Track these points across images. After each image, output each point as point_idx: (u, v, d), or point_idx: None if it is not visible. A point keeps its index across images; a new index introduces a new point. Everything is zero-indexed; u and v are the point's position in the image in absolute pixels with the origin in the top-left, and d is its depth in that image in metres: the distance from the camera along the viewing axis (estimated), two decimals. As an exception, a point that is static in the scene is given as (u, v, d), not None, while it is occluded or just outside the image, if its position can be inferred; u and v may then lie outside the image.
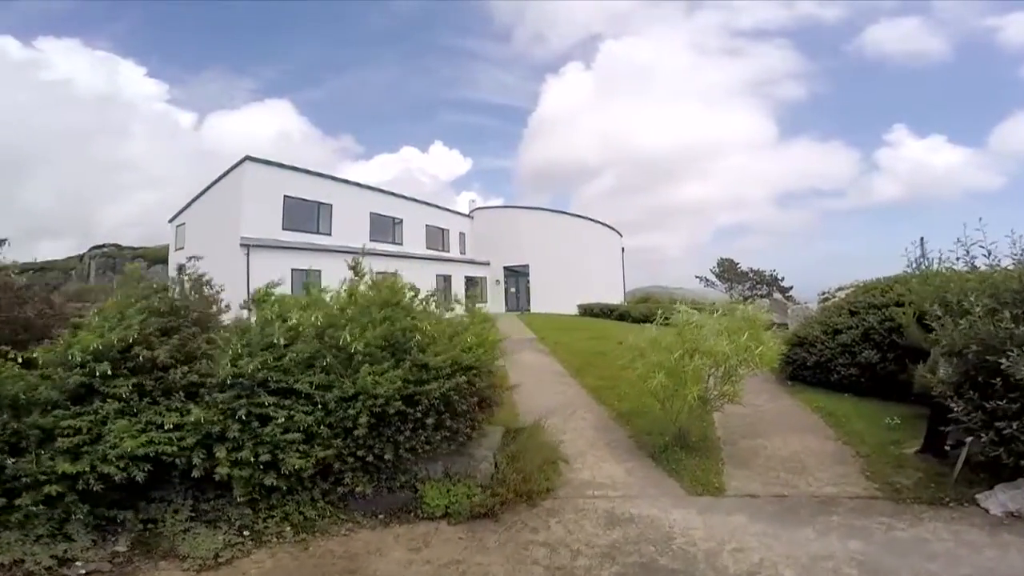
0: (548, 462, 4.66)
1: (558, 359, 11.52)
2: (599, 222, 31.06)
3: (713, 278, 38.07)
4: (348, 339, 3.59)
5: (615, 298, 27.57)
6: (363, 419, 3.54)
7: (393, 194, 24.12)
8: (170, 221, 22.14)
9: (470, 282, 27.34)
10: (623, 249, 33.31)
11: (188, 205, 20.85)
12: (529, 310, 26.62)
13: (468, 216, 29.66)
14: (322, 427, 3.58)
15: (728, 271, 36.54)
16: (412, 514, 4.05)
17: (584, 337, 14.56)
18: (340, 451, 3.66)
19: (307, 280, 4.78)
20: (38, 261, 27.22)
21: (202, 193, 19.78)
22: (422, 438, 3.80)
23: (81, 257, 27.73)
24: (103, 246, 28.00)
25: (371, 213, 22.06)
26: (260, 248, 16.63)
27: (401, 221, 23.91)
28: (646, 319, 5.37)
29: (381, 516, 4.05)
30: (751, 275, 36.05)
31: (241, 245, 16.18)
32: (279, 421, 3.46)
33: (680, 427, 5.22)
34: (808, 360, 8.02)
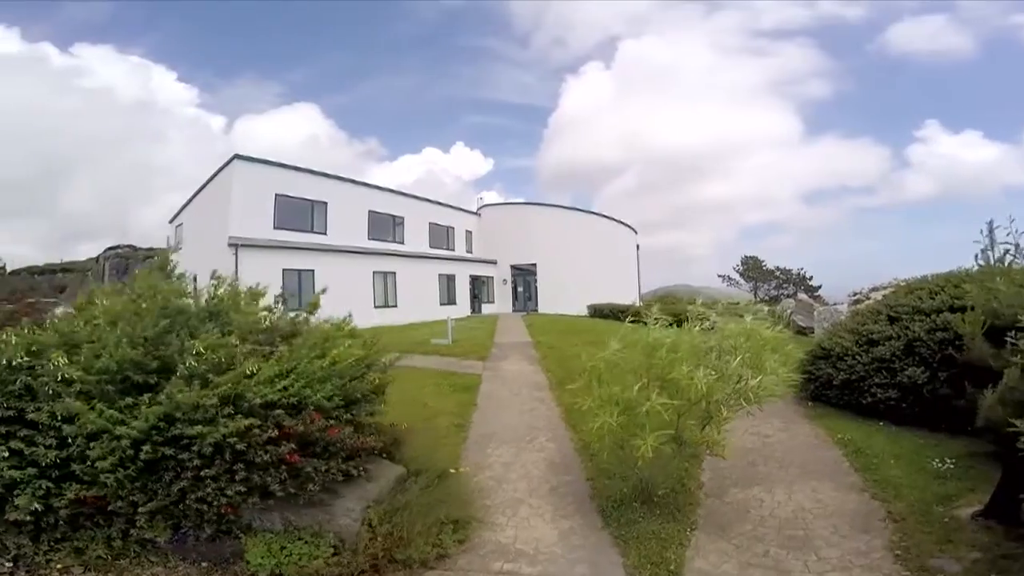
0: (449, 520, 3.48)
1: (543, 368, 10.36)
2: (612, 219, 29.41)
3: (737, 277, 35.62)
4: (60, 363, 2.60)
5: (629, 298, 25.92)
6: (109, 461, 2.71)
7: (394, 191, 23.38)
8: (170, 221, 22.20)
9: (476, 281, 26.35)
10: (638, 247, 31.51)
11: (185, 205, 20.78)
12: (537, 311, 25.37)
13: (475, 214, 28.65)
14: (85, 463, 2.77)
15: (752, 269, 33.98)
16: (239, 567, 3.11)
17: (582, 342, 13.23)
18: (116, 491, 2.85)
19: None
20: (62, 262, 28.29)
21: (197, 193, 19.62)
22: (209, 489, 2.85)
23: (97, 258, 28.47)
24: (117, 247, 28.64)
25: (370, 211, 21.36)
26: (249, 248, 16.15)
27: (403, 219, 23.14)
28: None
29: (204, 564, 3.19)
30: (777, 273, 33.41)
31: (229, 245, 15.73)
32: (3, 455, 2.71)
33: (643, 476, 3.92)
34: (834, 377, 6.52)
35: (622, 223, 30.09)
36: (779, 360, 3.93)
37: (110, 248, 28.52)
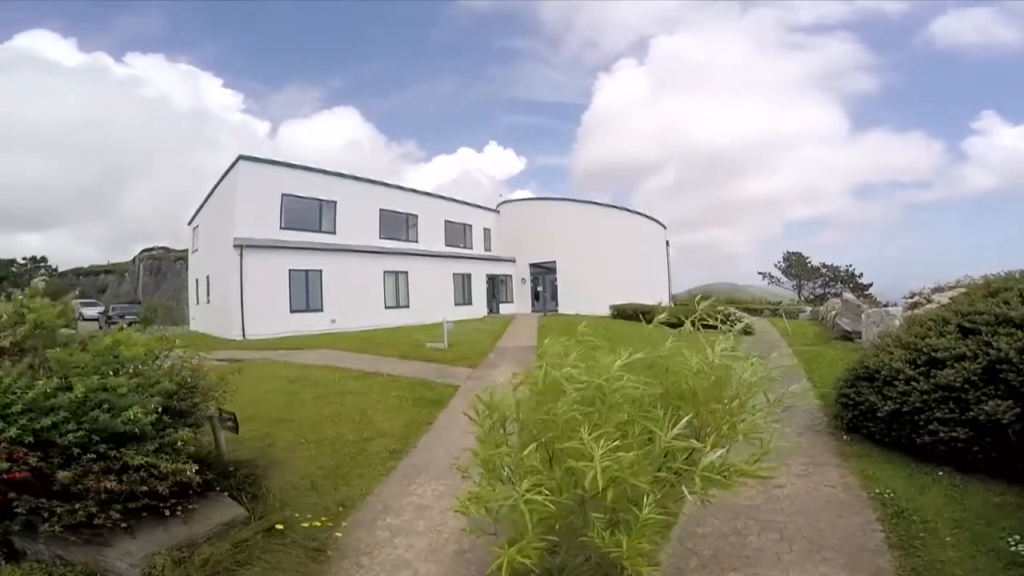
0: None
1: (532, 379, 9.19)
2: (639, 213, 27.51)
3: (779, 274, 32.43)
4: None
5: (657, 298, 24.07)
6: None
7: (407, 189, 22.88)
8: (188, 223, 22.85)
9: (493, 281, 25.46)
10: (668, 243, 29.35)
11: (200, 207, 21.21)
12: (557, 311, 24.10)
13: (494, 211, 27.74)
14: None
15: (796, 266, 30.71)
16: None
17: (589, 347, 11.99)
18: None
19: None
20: (107, 264, 30.23)
21: (210, 195, 19.94)
22: None
23: (133, 259, 30.10)
24: (152, 248, 30.13)
25: (381, 210, 20.94)
26: (254, 248, 16.06)
27: (416, 218, 22.61)
28: (679, 323, 3.23)
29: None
30: (823, 271, 29.97)
31: (234, 246, 15.71)
32: None
33: (549, 565, 2.75)
34: (880, 406, 4.97)
35: (650, 218, 28.14)
36: (770, 411, 2.52)
37: (145, 250, 30.08)
